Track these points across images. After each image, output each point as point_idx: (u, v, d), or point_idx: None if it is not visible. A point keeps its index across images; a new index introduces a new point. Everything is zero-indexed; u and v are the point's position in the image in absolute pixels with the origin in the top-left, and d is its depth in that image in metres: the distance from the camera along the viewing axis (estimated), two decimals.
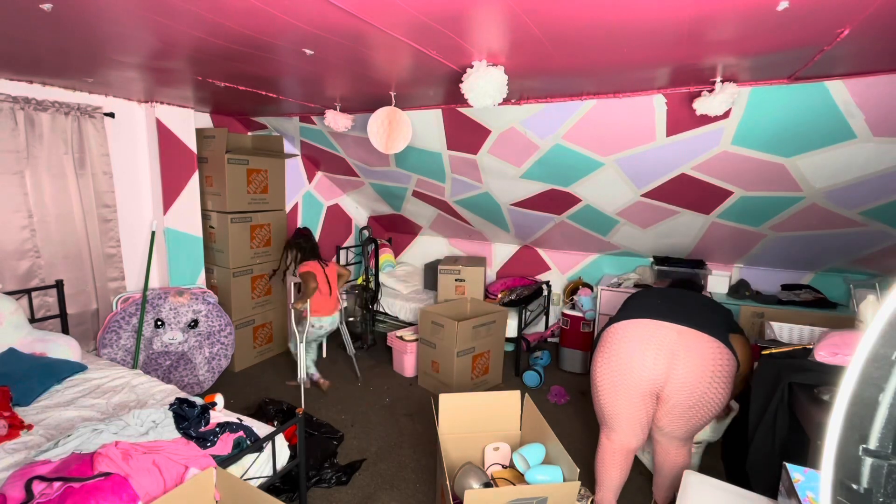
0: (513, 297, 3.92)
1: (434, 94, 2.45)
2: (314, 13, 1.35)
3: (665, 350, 1.79)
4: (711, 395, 1.80)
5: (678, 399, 1.82)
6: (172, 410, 1.88)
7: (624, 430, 1.93)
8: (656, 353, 1.80)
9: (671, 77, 1.93)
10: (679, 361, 1.78)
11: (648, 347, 1.81)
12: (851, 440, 0.48)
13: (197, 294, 3.15)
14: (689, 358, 1.77)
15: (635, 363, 1.83)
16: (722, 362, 1.79)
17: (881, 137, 2.03)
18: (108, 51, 1.84)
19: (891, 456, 0.46)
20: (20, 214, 2.56)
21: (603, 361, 1.94)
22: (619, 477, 2.01)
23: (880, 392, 0.46)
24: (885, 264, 2.93)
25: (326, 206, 4.66)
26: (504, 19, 1.37)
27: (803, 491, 1.23)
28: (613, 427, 1.96)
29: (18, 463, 1.68)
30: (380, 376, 3.67)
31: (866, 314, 1.95)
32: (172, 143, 3.18)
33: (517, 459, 1.99)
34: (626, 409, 1.89)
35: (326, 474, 2.37)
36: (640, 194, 2.98)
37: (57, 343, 2.50)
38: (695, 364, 1.77)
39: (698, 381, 1.77)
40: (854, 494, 0.48)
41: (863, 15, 1.25)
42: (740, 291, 3.31)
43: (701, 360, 1.76)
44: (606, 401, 1.94)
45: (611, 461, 2.00)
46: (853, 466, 0.48)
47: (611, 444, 1.99)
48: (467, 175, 3.44)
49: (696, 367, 1.77)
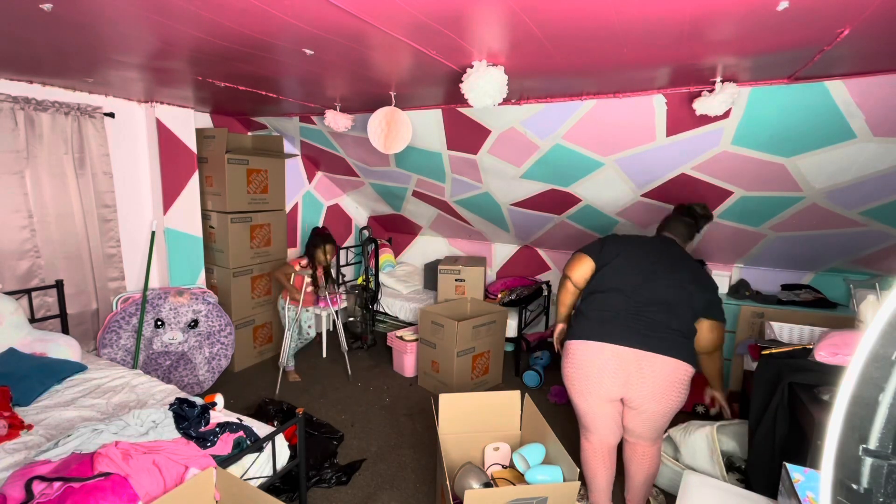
0: (513, 297, 3.92)
1: (434, 94, 2.45)
2: (314, 13, 1.35)
3: (622, 374, 1.89)
4: (670, 402, 1.90)
5: (640, 408, 1.93)
6: (172, 410, 1.88)
7: (600, 430, 2.04)
8: (613, 377, 1.90)
9: (671, 77, 1.93)
10: (635, 382, 1.88)
11: (605, 372, 1.91)
12: (851, 440, 0.48)
13: (197, 294, 3.15)
14: (645, 379, 1.87)
15: (594, 382, 1.94)
16: (678, 377, 1.88)
17: (881, 137, 2.03)
18: (108, 51, 1.84)
19: (891, 456, 0.46)
20: (20, 214, 2.56)
21: (570, 372, 2.02)
22: (606, 476, 2.09)
23: (880, 392, 0.46)
24: (885, 264, 2.93)
25: (326, 206, 4.66)
26: (504, 19, 1.37)
27: (803, 491, 1.23)
28: (590, 428, 2.06)
29: (18, 463, 1.68)
30: (380, 376, 3.67)
31: (866, 314, 1.95)
32: (172, 143, 3.18)
33: (517, 459, 1.99)
34: (598, 412, 2.00)
35: (326, 474, 2.37)
36: (640, 194, 2.98)
37: (57, 343, 2.50)
38: (652, 383, 1.87)
39: (655, 395, 1.88)
40: (854, 494, 0.48)
41: (863, 15, 1.25)
42: (740, 291, 3.31)
43: (657, 379, 1.87)
44: (580, 405, 2.04)
45: (594, 461, 2.08)
46: (853, 466, 0.48)
47: (591, 445, 2.08)
48: (467, 175, 3.44)
49: (654, 385, 1.87)
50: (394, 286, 4.50)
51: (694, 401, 3.14)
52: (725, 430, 2.34)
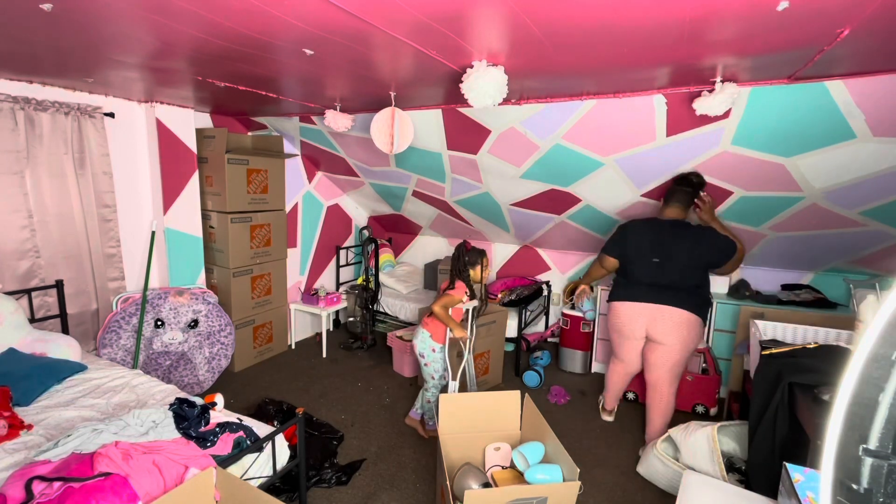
0: (513, 297, 3.92)
1: (434, 94, 2.45)
2: (314, 13, 1.35)
3: (647, 319, 2.65)
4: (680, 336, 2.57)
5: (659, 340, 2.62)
6: (172, 410, 1.88)
7: (627, 360, 2.84)
8: (641, 322, 2.67)
9: (671, 77, 1.93)
10: (657, 324, 2.61)
11: (637, 320, 2.68)
12: (851, 440, 0.48)
13: (197, 294, 3.15)
14: (663, 321, 2.59)
15: (628, 329, 2.73)
16: (683, 320, 2.56)
17: (881, 137, 2.03)
18: (108, 51, 1.84)
19: (891, 456, 0.46)
20: (20, 214, 2.56)
21: (614, 321, 2.81)
22: (621, 387, 2.99)
23: (880, 392, 0.46)
24: (885, 264, 2.93)
25: (326, 206, 4.66)
26: (504, 19, 1.37)
27: (803, 491, 1.23)
28: (622, 357, 2.85)
29: (18, 463, 1.68)
30: (380, 376, 3.67)
31: (866, 314, 1.95)
32: (172, 143, 3.18)
33: (517, 457, 2.00)
34: (627, 348, 2.80)
35: (326, 474, 2.37)
36: (639, 194, 2.98)
37: (57, 343, 2.50)
38: (666, 324, 2.59)
39: (669, 332, 2.58)
40: (854, 494, 0.48)
41: (863, 15, 1.25)
42: (740, 291, 3.31)
43: (670, 322, 2.58)
44: (616, 343, 2.86)
45: (616, 377, 2.94)
46: (853, 466, 0.48)
47: (621, 367, 2.89)
48: (467, 175, 3.44)
49: (668, 325, 2.58)
50: (394, 286, 4.50)
51: (694, 400, 3.14)
52: (726, 431, 2.33)
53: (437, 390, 2.74)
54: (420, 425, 2.86)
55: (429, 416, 2.83)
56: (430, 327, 2.69)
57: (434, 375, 2.72)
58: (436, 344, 2.67)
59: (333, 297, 4.19)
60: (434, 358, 2.69)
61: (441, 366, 2.70)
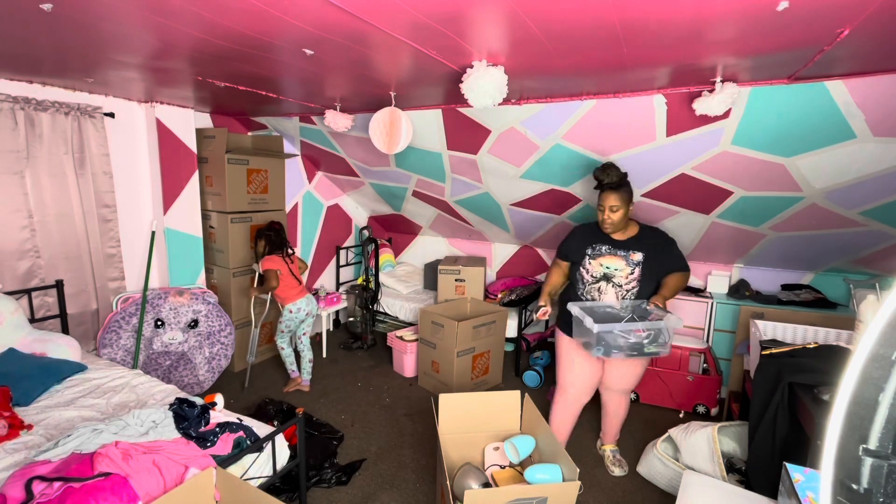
0: (513, 297, 3.92)
1: (434, 94, 2.45)
2: (314, 13, 1.35)
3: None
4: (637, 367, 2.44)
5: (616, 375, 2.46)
6: (172, 410, 1.88)
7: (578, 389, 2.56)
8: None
9: (671, 77, 1.93)
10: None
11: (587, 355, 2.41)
12: (851, 440, 0.48)
13: (197, 294, 3.15)
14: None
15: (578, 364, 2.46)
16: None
17: (881, 137, 2.03)
18: (108, 51, 1.84)
19: (891, 456, 0.46)
20: (20, 214, 2.56)
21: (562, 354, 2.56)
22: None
23: (880, 392, 0.46)
24: (885, 264, 2.93)
25: (326, 206, 4.66)
26: (504, 19, 1.37)
27: (803, 491, 1.23)
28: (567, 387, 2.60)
29: (18, 463, 1.68)
30: (380, 376, 3.67)
31: (866, 314, 1.95)
32: (172, 143, 3.18)
33: (508, 449, 2.03)
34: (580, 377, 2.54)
35: (326, 474, 2.37)
36: (639, 194, 2.98)
37: (57, 343, 2.50)
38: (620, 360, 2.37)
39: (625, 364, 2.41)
40: (854, 494, 0.48)
41: (863, 15, 1.25)
42: (740, 291, 3.31)
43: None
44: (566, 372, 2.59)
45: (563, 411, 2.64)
46: (853, 466, 0.48)
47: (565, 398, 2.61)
48: (467, 175, 3.44)
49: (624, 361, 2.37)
50: (394, 286, 4.50)
51: (695, 401, 3.14)
52: (726, 431, 2.34)
53: (280, 336, 3.36)
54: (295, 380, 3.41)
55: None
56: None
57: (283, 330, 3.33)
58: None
59: (333, 297, 4.20)
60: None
61: (285, 325, 3.30)
